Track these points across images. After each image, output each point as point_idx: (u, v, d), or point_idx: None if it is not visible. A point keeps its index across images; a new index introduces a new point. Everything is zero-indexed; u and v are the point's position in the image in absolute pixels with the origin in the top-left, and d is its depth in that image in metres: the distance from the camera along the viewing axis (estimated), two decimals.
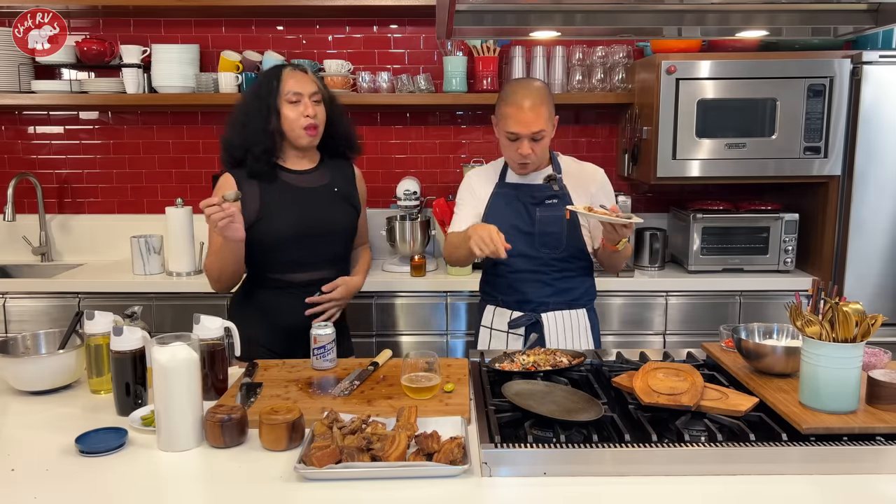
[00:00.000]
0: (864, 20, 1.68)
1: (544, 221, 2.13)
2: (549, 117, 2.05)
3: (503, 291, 2.20)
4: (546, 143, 2.08)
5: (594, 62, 3.22)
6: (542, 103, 2.02)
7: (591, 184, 2.19)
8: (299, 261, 2.11)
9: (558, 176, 2.15)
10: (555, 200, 2.14)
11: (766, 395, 1.54)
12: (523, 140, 2.03)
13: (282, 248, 2.08)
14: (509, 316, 2.19)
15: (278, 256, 2.09)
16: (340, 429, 1.40)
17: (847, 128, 2.89)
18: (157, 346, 1.47)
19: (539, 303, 2.16)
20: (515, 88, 2.07)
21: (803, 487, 1.30)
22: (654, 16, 1.75)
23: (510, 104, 2.03)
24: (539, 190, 2.15)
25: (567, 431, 1.41)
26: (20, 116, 3.44)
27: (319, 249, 2.13)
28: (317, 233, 2.11)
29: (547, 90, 2.09)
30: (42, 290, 2.95)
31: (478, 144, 3.46)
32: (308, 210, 2.10)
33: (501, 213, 2.16)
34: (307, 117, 2.05)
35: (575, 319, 2.19)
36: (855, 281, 2.91)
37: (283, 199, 2.09)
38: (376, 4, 3.07)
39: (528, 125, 2.01)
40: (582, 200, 2.13)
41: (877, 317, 1.41)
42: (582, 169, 2.23)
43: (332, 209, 2.15)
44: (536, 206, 2.14)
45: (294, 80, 2.07)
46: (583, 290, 2.21)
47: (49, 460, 1.41)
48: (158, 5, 3.15)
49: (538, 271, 2.15)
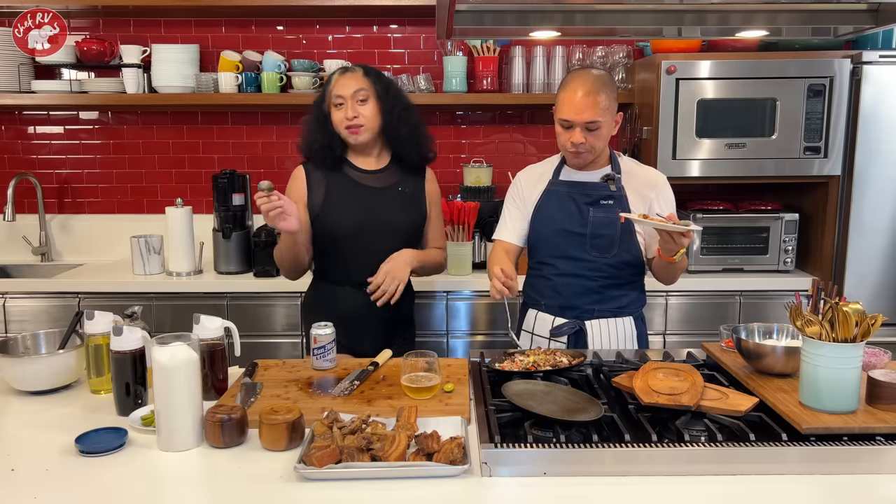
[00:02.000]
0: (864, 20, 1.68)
1: (597, 223, 2.04)
2: (606, 107, 1.95)
3: (546, 295, 2.11)
4: (603, 134, 1.99)
5: (594, 62, 3.22)
6: (599, 92, 1.94)
7: (651, 189, 2.09)
8: (361, 257, 2.14)
9: (617, 176, 2.07)
10: (610, 201, 2.05)
11: (766, 395, 1.54)
12: (576, 128, 1.96)
13: (341, 241, 2.15)
14: (552, 322, 2.10)
15: (338, 249, 2.16)
16: (340, 429, 1.40)
17: (847, 128, 2.89)
18: (157, 346, 1.47)
19: (584, 310, 2.07)
20: (575, 75, 2.00)
21: (803, 487, 1.30)
22: (654, 16, 1.75)
23: (566, 90, 1.97)
24: (595, 189, 2.07)
25: (567, 431, 1.41)
26: (20, 116, 3.44)
27: (378, 246, 2.14)
28: (376, 229, 2.14)
29: (609, 80, 2.00)
30: (42, 290, 2.95)
31: (478, 144, 3.47)
32: (368, 206, 2.16)
33: (550, 216, 2.09)
34: (346, 118, 2.11)
35: (621, 328, 2.09)
36: (855, 281, 2.91)
37: (346, 194, 2.16)
38: (376, 4, 3.07)
39: (579, 112, 1.94)
40: (639, 205, 2.06)
41: (877, 317, 1.41)
42: (643, 172, 2.14)
43: (393, 207, 2.18)
44: (590, 206, 2.05)
45: (339, 83, 2.13)
46: (632, 297, 2.11)
47: (49, 460, 1.41)
48: (158, 5, 3.15)
49: (585, 276, 2.06)
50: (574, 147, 1.99)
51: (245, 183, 3.11)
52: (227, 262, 3.06)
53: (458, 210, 2.99)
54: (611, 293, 2.08)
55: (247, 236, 3.10)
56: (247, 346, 1.94)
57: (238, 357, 1.83)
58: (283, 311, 2.93)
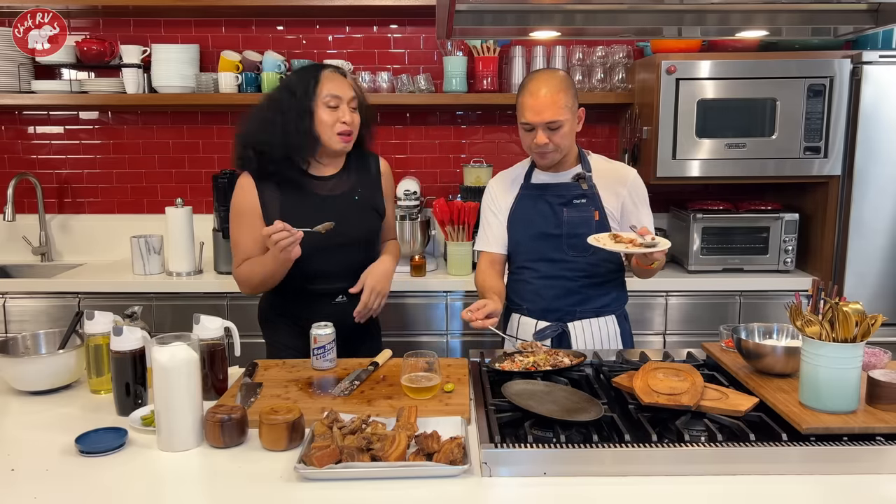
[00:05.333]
0: (864, 20, 1.68)
1: (572, 223, 2.05)
2: (567, 106, 1.96)
3: (528, 299, 2.12)
4: (567, 133, 1.99)
5: (594, 62, 3.22)
6: (558, 92, 1.94)
7: (622, 185, 2.09)
8: (322, 270, 2.05)
9: (588, 174, 2.08)
10: (583, 200, 2.06)
11: (766, 395, 1.54)
12: (537, 129, 1.97)
13: (302, 258, 1.95)
14: (535, 326, 2.11)
15: (301, 266, 1.99)
16: (340, 429, 1.40)
17: (847, 128, 2.89)
18: (157, 346, 1.47)
19: (566, 311, 2.09)
20: (532, 77, 2.00)
21: (803, 487, 1.30)
22: (654, 16, 1.74)
23: (524, 93, 1.98)
24: (567, 189, 2.08)
25: (567, 431, 1.41)
26: (20, 116, 3.44)
27: (340, 260, 2.06)
28: (337, 244, 2.01)
29: (567, 79, 2.00)
30: (42, 290, 2.95)
31: (478, 144, 3.46)
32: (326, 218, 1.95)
33: (525, 220, 2.10)
34: (343, 123, 1.99)
35: (604, 327, 2.10)
36: (855, 281, 2.91)
37: (304, 208, 2.01)
38: (376, 4, 3.07)
39: (539, 113, 1.94)
40: (612, 201, 2.07)
41: (877, 317, 1.41)
42: (613, 168, 2.14)
43: (352, 219, 2.06)
44: (564, 207, 2.07)
45: (333, 83, 2.00)
46: (613, 296, 2.13)
47: (49, 460, 1.41)
48: (158, 5, 3.15)
49: (565, 277, 2.07)
50: (539, 148, 2.00)
51: None
52: (228, 262, 3.06)
53: (458, 210, 2.99)
54: (591, 293, 2.09)
55: None
56: (247, 346, 1.94)
57: (238, 357, 1.83)
58: None
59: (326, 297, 2.09)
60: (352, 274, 2.08)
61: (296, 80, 2.03)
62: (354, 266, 2.09)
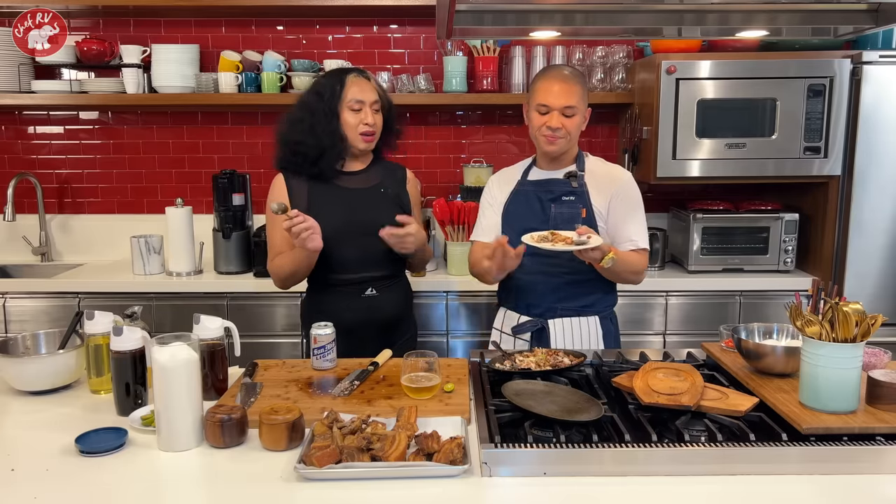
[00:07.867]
0: (864, 20, 1.68)
1: (558, 218, 2.09)
2: (582, 97, 2.04)
3: (514, 294, 2.17)
4: (577, 123, 2.05)
5: (594, 62, 3.22)
6: (577, 82, 2.04)
7: (612, 183, 2.12)
8: (350, 260, 2.13)
9: (580, 173, 2.12)
10: (572, 197, 2.10)
11: (766, 395, 1.54)
12: (553, 112, 2.01)
13: (331, 247, 2.08)
14: (516, 320, 2.16)
15: (329, 256, 2.10)
16: (340, 429, 1.40)
17: (847, 128, 2.89)
18: (157, 346, 1.47)
19: (547, 307, 2.12)
20: (552, 68, 2.11)
21: (803, 487, 1.30)
22: (654, 16, 1.75)
23: (544, 79, 2.05)
24: (558, 185, 2.12)
25: (567, 431, 1.41)
26: (20, 116, 3.44)
27: (369, 249, 2.13)
28: (364, 232, 2.11)
29: (582, 77, 2.10)
30: (42, 290, 2.95)
31: (478, 144, 3.46)
32: (354, 210, 2.13)
33: (516, 215, 2.14)
34: (366, 125, 2.11)
35: (585, 327, 2.12)
36: (855, 281, 2.91)
37: (331, 199, 2.13)
38: (376, 4, 3.07)
39: (558, 97, 2.00)
40: (601, 201, 2.10)
41: (877, 317, 1.41)
42: (607, 170, 2.17)
43: (378, 209, 2.15)
44: (552, 202, 2.10)
45: (358, 87, 2.11)
46: (597, 297, 2.15)
47: (49, 460, 1.41)
48: (158, 5, 3.15)
49: (548, 273, 2.10)
50: (551, 131, 2.03)
51: (245, 183, 3.11)
52: (227, 262, 3.07)
53: (458, 210, 2.99)
54: (574, 291, 2.12)
55: (247, 236, 3.10)
56: (247, 346, 1.94)
57: (238, 357, 1.84)
58: (283, 311, 2.93)
59: (356, 290, 2.15)
60: (378, 265, 2.16)
61: (323, 84, 2.16)
62: (379, 256, 2.14)
